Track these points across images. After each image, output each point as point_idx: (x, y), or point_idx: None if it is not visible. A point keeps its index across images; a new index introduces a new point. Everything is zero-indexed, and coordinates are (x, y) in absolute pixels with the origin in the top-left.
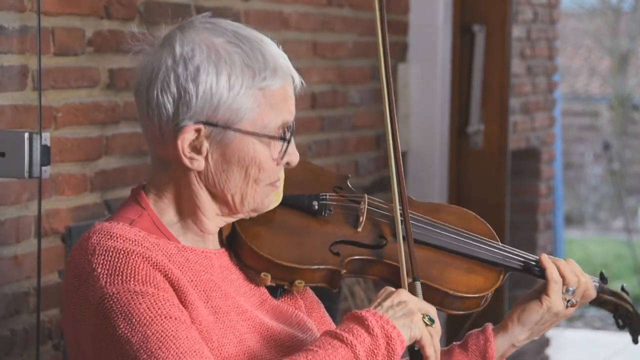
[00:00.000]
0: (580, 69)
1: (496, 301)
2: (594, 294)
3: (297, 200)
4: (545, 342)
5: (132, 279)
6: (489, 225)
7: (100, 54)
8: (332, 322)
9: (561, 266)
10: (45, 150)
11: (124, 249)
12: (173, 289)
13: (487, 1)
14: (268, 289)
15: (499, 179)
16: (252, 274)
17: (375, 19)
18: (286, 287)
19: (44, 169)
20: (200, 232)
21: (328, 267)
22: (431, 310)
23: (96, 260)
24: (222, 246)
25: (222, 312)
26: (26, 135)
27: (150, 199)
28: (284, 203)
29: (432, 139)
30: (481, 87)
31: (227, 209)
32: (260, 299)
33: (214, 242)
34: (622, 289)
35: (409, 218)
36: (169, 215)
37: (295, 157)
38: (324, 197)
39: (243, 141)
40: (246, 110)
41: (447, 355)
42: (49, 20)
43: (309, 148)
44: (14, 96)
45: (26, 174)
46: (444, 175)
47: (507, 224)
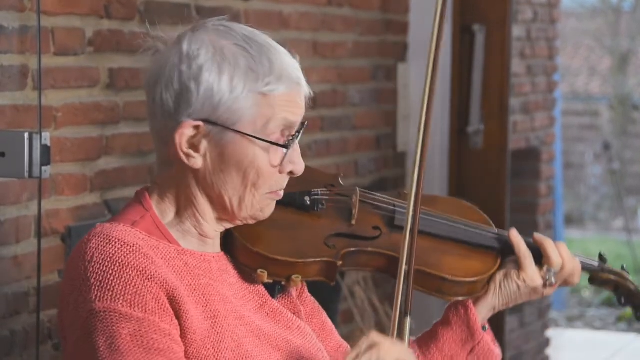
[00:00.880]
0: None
1: None
2: (577, 280)
3: (289, 197)
4: (545, 342)
5: (122, 297)
6: (482, 212)
7: (100, 54)
8: (333, 328)
9: (547, 247)
10: (45, 150)
11: (120, 260)
12: (168, 299)
13: (487, 1)
14: (266, 287)
15: (499, 179)
16: (250, 277)
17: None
18: (283, 283)
19: (44, 169)
20: (199, 236)
21: (324, 259)
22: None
23: (92, 269)
24: (220, 250)
25: (221, 317)
26: (26, 135)
27: (154, 201)
28: (276, 201)
29: (432, 138)
30: (481, 87)
31: (225, 213)
32: (259, 302)
33: (214, 245)
34: (622, 268)
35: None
36: (170, 217)
37: (300, 167)
38: (316, 192)
39: (242, 143)
40: (246, 113)
41: (432, 337)
42: (49, 20)
43: (309, 148)
44: (14, 96)
45: (26, 174)
46: (444, 175)
47: (507, 223)
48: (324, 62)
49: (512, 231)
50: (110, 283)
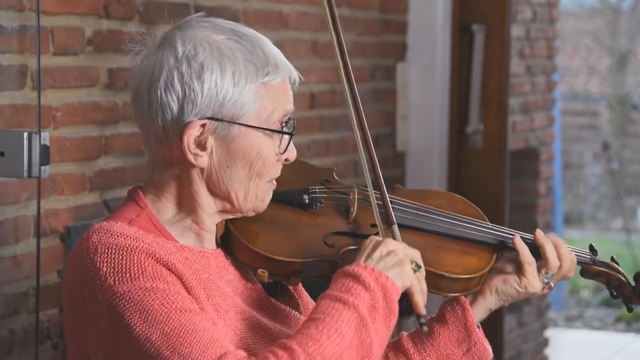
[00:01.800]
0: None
1: None
2: (573, 275)
3: (287, 196)
4: (545, 342)
5: (141, 275)
6: (476, 207)
7: (99, 54)
8: None
9: (547, 249)
10: (45, 149)
11: (127, 245)
12: (180, 282)
13: (486, 1)
14: (266, 286)
15: (498, 178)
16: (249, 273)
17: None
18: (284, 282)
19: (43, 168)
20: (198, 230)
21: (324, 259)
22: (417, 255)
23: (100, 259)
24: (217, 247)
25: (222, 311)
26: (25, 135)
27: (149, 199)
28: (275, 199)
29: (431, 138)
30: (480, 87)
31: (230, 205)
32: (257, 298)
33: (211, 242)
34: (612, 259)
35: (381, 177)
36: (167, 215)
37: (294, 153)
38: (314, 190)
39: (248, 135)
40: (250, 105)
41: (426, 336)
42: (48, 20)
43: (307, 148)
44: (13, 96)
45: (25, 174)
46: (443, 175)
47: (507, 223)
48: (323, 62)
49: (516, 237)
50: (124, 266)
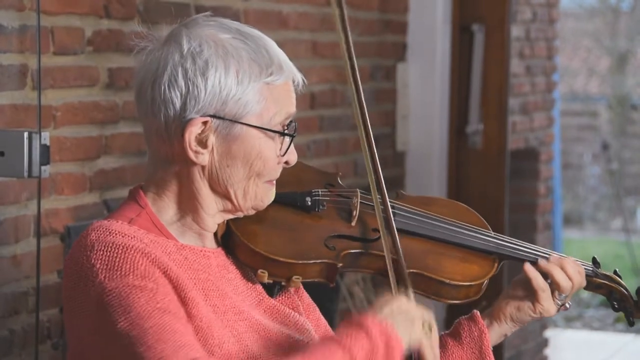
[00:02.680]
0: (579, 69)
1: (494, 295)
2: (585, 284)
3: (290, 197)
4: (544, 342)
5: (131, 273)
6: (479, 215)
7: (99, 54)
8: (327, 324)
9: (555, 274)
10: (45, 149)
11: (123, 244)
12: (172, 285)
13: (486, 1)
14: (265, 287)
15: (497, 179)
16: (249, 273)
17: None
18: (283, 283)
19: (43, 168)
20: (199, 230)
21: (324, 261)
22: (429, 316)
23: (95, 256)
24: (218, 246)
25: (220, 312)
26: (25, 135)
27: (149, 198)
28: (277, 201)
29: (431, 138)
30: (480, 87)
31: (230, 204)
32: (257, 298)
33: (212, 241)
34: (615, 273)
35: (390, 208)
36: (168, 214)
37: (294, 156)
38: (317, 193)
39: (249, 135)
40: (253, 105)
41: (440, 348)
42: (48, 20)
43: (307, 148)
44: (13, 95)
45: (25, 174)
46: (442, 175)
47: (506, 224)
48: (323, 62)
49: (527, 265)
50: (117, 264)
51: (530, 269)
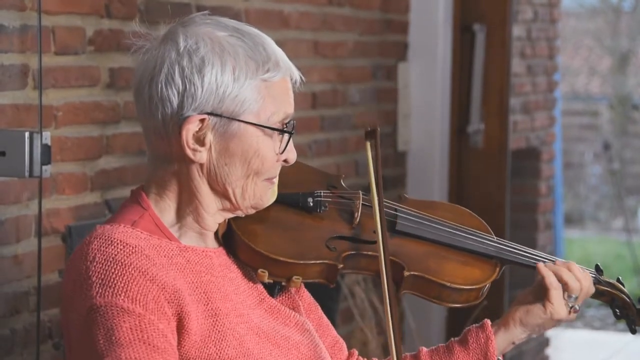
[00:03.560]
0: (580, 69)
1: (496, 299)
2: (593, 290)
3: (292, 198)
4: (545, 342)
5: (123, 293)
6: (482, 220)
7: (100, 53)
8: (329, 324)
9: (563, 274)
10: (46, 149)
11: (122, 260)
12: (168, 302)
13: (487, 1)
14: (266, 287)
15: (499, 178)
16: (251, 273)
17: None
18: (284, 283)
19: (44, 168)
20: (200, 230)
21: (325, 262)
22: None
23: (94, 268)
24: (219, 245)
25: (222, 315)
26: (27, 135)
27: (151, 200)
28: (279, 201)
29: (432, 138)
30: (481, 87)
31: (229, 203)
32: (259, 298)
33: (213, 240)
34: (618, 280)
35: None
36: (169, 215)
37: (293, 155)
38: (319, 194)
39: (247, 133)
40: (250, 102)
41: (447, 354)
42: (49, 19)
43: (309, 147)
44: (14, 95)
45: (26, 173)
46: (444, 175)
47: (507, 223)
48: (324, 62)
49: (540, 264)
50: (111, 281)
51: (543, 267)
